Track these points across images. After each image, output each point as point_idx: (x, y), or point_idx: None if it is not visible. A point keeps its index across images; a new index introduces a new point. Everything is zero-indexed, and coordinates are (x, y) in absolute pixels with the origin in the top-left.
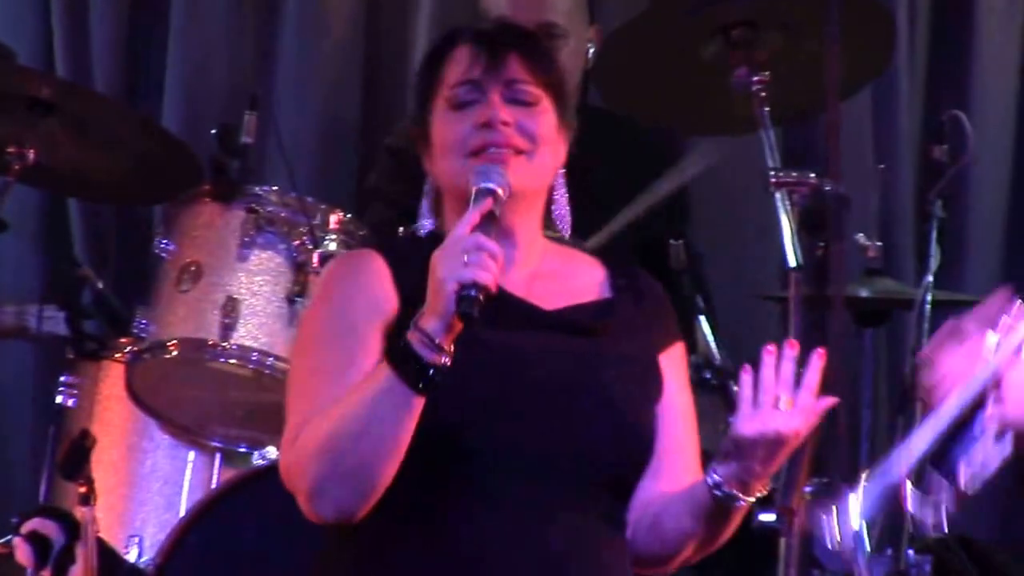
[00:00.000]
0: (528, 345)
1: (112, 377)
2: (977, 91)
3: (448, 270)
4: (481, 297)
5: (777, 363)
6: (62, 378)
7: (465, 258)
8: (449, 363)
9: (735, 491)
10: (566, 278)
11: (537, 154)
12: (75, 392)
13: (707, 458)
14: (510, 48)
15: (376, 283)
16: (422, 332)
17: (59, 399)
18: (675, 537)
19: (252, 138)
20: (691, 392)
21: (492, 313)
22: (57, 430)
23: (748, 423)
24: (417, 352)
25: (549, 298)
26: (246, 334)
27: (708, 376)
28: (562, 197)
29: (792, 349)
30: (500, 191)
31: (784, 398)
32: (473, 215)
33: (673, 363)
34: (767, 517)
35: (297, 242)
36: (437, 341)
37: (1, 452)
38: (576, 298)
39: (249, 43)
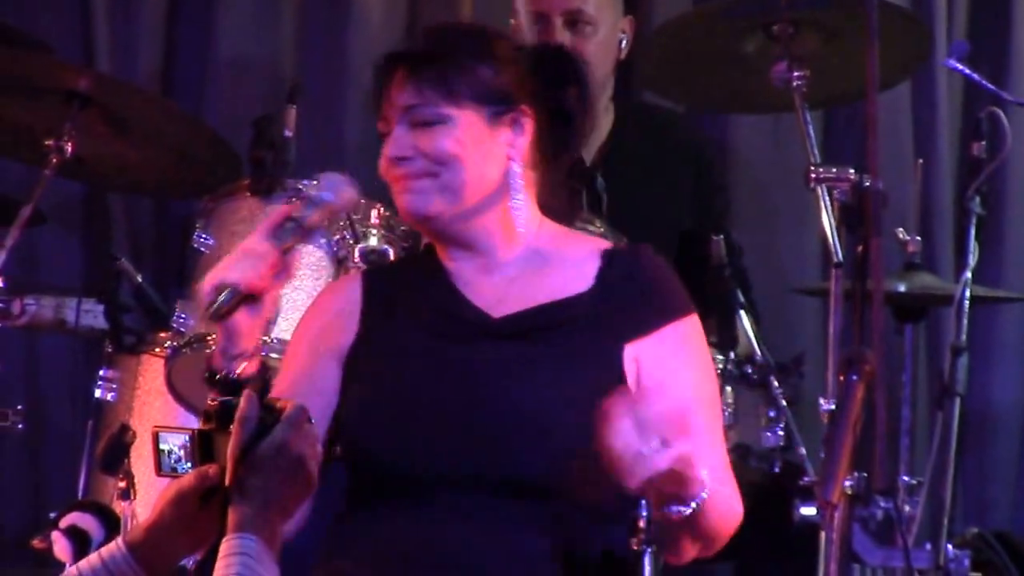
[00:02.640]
0: (465, 356)
1: (151, 371)
2: (1015, 88)
3: (210, 274)
4: (222, 296)
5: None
6: (101, 372)
7: (227, 262)
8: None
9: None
10: (548, 275)
11: (450, 171)
12: (114, 386)
13: (749, 452)
14: (404, 74)
15: (338, 314)
16: None
17: (98, 393)
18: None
19: (292, 131)
20: (706, 368)
21: (444, 325)
22: (96, 424)
23: (631, 479)
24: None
25: (514, 302)
26: (286, 328)
27: (749, 371)
28: (519, 192)
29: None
30: (317, 196)
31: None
32: (264, 222)
33: (663, 345)
34: (807, 511)
35: (338, 237)
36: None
37: (39, 446)
38: (549, 296)
39: (288, 35)
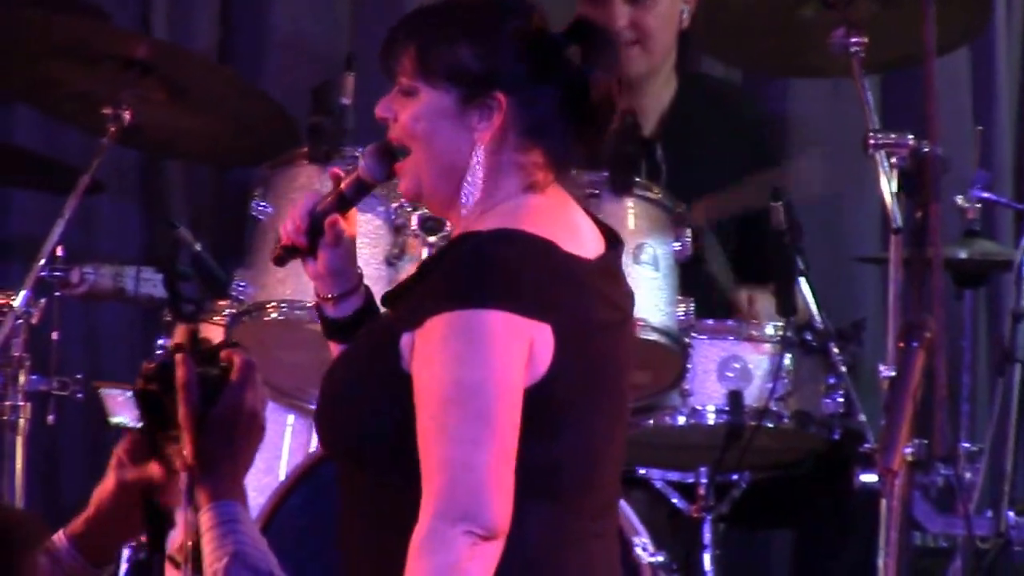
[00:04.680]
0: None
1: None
2: None
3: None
4: (279, 248)
5: None
6: (159, 340)
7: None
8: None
9: None
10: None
11: (416, 148)
12: None
13: (808, 420)
14: (387, 43)
15: None
16: None
17: None
18: None
19: (350, 99)
20: (444, 366)
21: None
22: None
23: None
24: None
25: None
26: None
27: (809, 338)
28: (475, 168)
29: None
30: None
31: None
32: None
33: (421, 340)
34: (868, 478)
35: (396, 204)
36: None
37: (98, 414)
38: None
39: (345, 4)
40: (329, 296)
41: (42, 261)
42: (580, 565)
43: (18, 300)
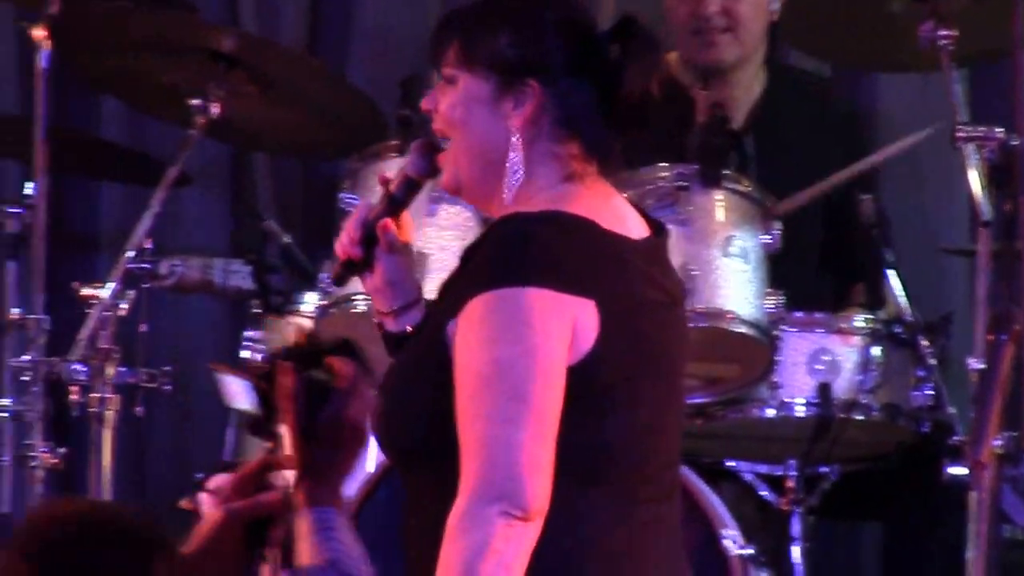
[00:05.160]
0: None
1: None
2: None
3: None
4: (337, 266)
5: None
6: (247, 332)
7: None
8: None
9: None
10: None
11: (454, 136)
12: (260, 346)
13: (897, 412)
14: (435, 35)
15: None
16: None
17: (244, 353)
18: None
19: None
20: (482, 345)
21: None
22: None
23: None
24: None
25: None
26: (433, 289)
27: (898, 331)
28: (513, 158)
29: None
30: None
31: None
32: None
33: (463, 323)
34: (957, 471)
35: None
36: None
37: (185, 406)
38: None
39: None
40: (389, 310)
41: (130, 253)
42: (633, 550)
43: (106, 292)
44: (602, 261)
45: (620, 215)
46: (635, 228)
